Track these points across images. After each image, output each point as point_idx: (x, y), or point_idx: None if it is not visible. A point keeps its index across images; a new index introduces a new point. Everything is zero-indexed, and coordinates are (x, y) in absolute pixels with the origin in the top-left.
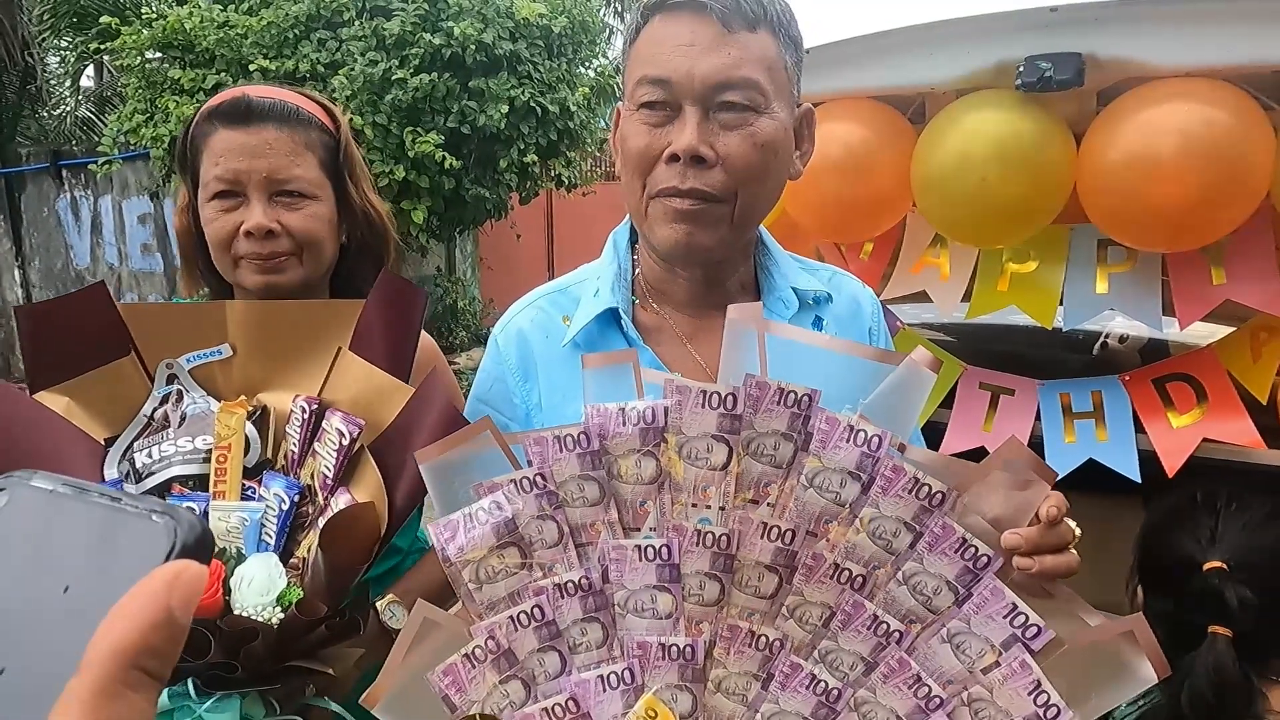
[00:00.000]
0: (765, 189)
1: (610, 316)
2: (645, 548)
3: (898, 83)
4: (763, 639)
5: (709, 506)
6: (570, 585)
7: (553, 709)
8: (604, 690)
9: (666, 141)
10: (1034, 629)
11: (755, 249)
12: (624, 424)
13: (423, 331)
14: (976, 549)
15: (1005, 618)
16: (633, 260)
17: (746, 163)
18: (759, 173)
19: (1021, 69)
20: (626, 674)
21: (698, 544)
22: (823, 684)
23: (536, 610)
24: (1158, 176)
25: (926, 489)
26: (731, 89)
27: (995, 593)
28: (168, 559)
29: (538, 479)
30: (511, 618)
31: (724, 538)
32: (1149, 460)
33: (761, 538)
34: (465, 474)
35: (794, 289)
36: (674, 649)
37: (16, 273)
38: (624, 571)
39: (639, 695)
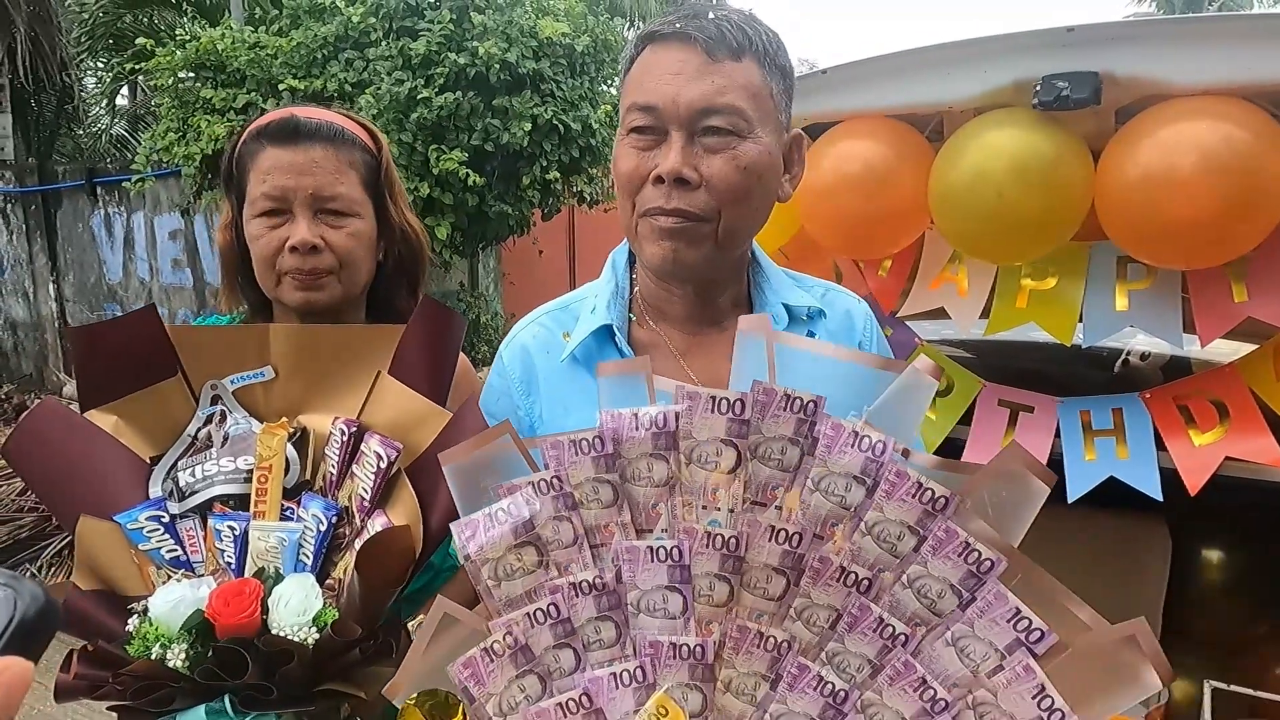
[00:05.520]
0: (749, 210)
1: (606, 333)
2: (657, 549)
3: (916, 101)
4: (771, 640)
5: (718, 509)
6: (585, 584)
7: (567, 704)
8: (616, 687)
9: (653, 164)
10: (1037, 633)
11: (749, 267)
12: (637, 428)
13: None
14: (980, 553)
15: (1009, 622)
16: (631, 279)
17: (729, 184)
18: (741, 194)
19: (1039, 88)
20: (638, 672)
21: (708, 546)
22: (830, 685)
23: (552, 608)
24: (1177, 194)
25: (930, 493)
26: (715, 114)
27: (999, 597)
28: (5, 630)
29: (555, 481)
30: (528, 614)
31: (733, 540)
32: (1171, 478)
33: (769, 540)
34: (487, 475)
35: (785, 304)
36: (684, 648)
37: (51, 287)
38: (636, 572)
39: (650, 693)
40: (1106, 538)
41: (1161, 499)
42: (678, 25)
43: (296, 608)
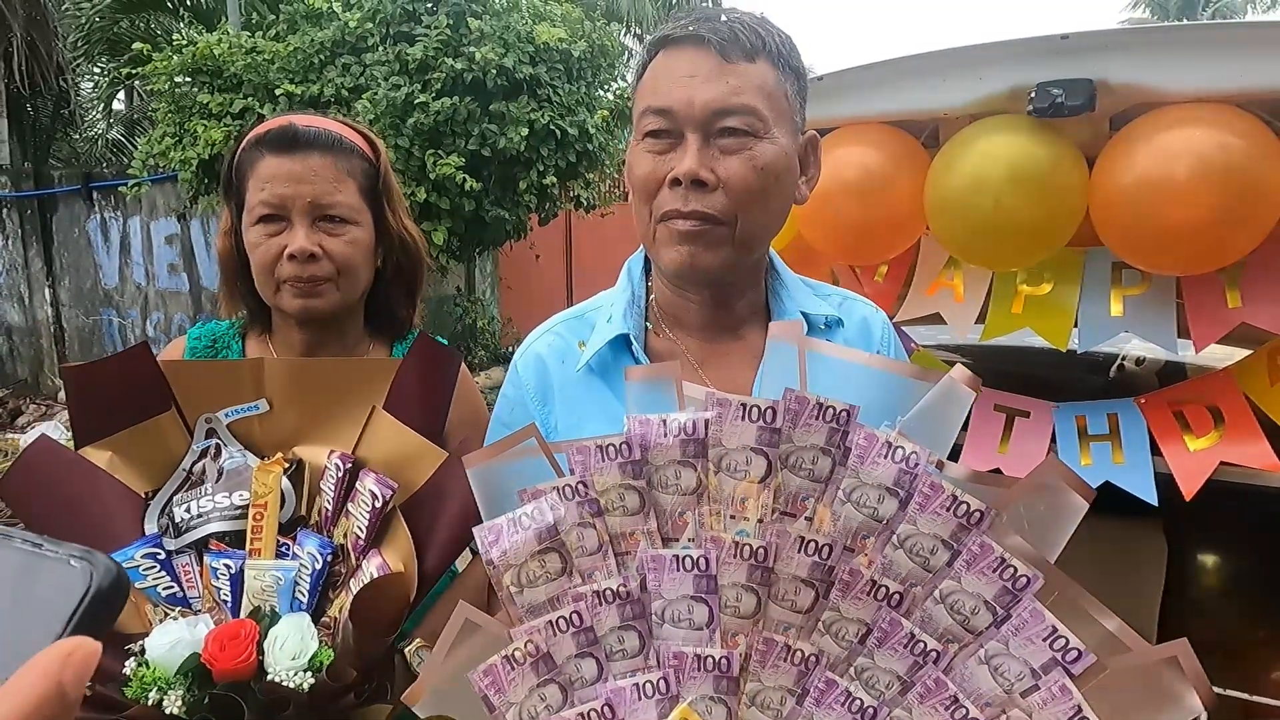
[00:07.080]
0: (766, 211)
1: (622, 342)
2: (683, 558)
3: (912, 108)
4: (798, 653)
5: (747, 519)
6: (609, 593)
7: (588, 714)
8: (639, 699)
9: (669, 167)
10: (1074, 653)
11: (766, 274)
12: (665, 435)
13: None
14: (1016, 569)
15: (1045, 640)
16: (647, 287)
17: (746, 185)
18: (759, 195)
19: (1033, 95)
20: (662, 683)
21: (735, 556)
22: (858, 701)
23: (575, 616)
24: (1171, 200)
25: (965, 507)
26: (730, 115)
27: (1035, 615)
28: (82, 601)
29: (580, 486)
30: (550, 622)
31: (761, 550)
32: (1166, 483)
33: (799, 552)
34: (510, 480)
35: (804, 313)
36: (709, 660)
37: (47, 291)
38: (662, 581)
39: (674, 705)
40: (1102, 543)
41: (1157, 504)
42: (690, 28)
43: (292, 649)
